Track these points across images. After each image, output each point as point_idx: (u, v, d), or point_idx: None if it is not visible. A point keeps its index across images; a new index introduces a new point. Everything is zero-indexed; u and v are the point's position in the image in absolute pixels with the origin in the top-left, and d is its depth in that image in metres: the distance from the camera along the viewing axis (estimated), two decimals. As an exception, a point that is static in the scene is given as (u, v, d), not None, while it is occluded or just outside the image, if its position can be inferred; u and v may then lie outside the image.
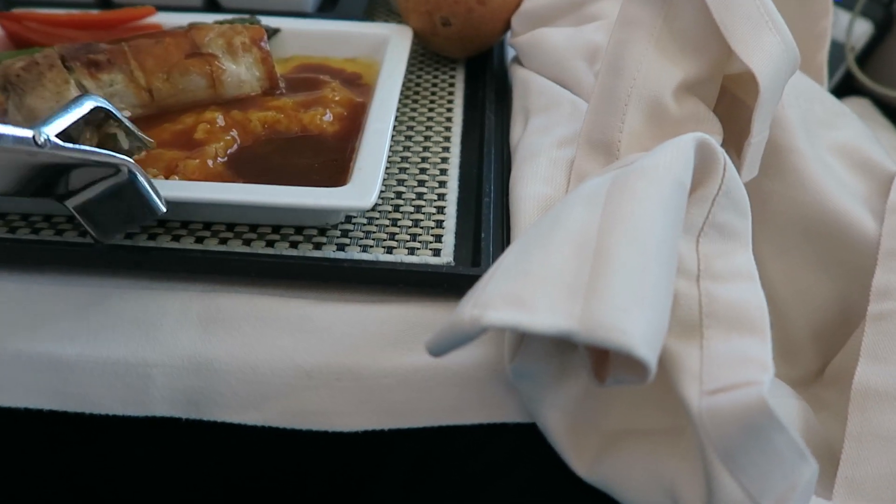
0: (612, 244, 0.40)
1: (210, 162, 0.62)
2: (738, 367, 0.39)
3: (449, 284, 0.55)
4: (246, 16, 0.82)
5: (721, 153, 0.49)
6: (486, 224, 0.61)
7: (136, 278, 0.57)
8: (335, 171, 0.63)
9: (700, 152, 0.48)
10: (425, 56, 0.91)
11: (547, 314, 0.38)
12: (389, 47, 0.80)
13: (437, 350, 0.42)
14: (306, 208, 0.58)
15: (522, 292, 0.39)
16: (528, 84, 0.77)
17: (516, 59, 0.86)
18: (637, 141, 0.61)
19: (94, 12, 0.81)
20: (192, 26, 0.71)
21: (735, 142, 0.62)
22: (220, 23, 0.80)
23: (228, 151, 0.65)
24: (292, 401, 0.49)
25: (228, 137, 0.66)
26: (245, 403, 0.49)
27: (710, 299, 0.43)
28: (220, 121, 0.67)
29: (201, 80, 0.68)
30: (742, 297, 0.43)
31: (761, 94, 0.53)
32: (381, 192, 0.64)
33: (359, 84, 0.79)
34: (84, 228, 0.51)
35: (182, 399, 0.49)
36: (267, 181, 0.61)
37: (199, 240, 0.59)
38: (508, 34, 0.87)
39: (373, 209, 0.63)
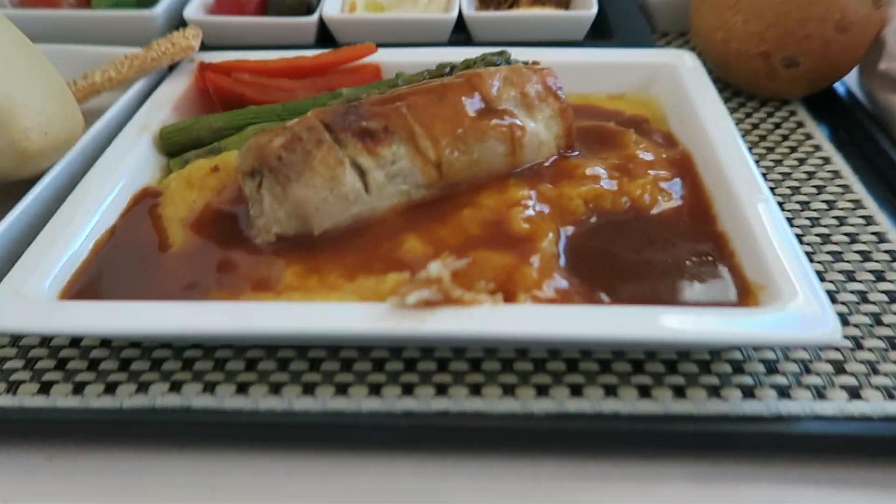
0: None
1: (554, 274, 0.44)
2: None
3: None
4: (495, 49, 0.64)
5: None
6: None
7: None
8: (718, 270, 0.46)
9: None
10: (726, 91, 0.72)
11: None
12: (682, 80, 0.62)
13: None
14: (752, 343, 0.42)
15: None
16: None
17: (888, 88, 0.65)
18: None
19: (308, 55, 0.65)
20: (471, 74, 0.54)
21: None
22: (475, 62, 0.63)
23: (560, 245, 0.48)
24: None
25: (553, 224, 0.49)
26: None
27: None
28: (534, 202, 0.50)
29: (500, 146, 0.51)
30: None
31: None
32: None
33: (650, 131, 0.62)
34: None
35: None
36: (640, 293, 0.45)
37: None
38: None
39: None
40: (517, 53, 0.66)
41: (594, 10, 0.72)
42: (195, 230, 0.50)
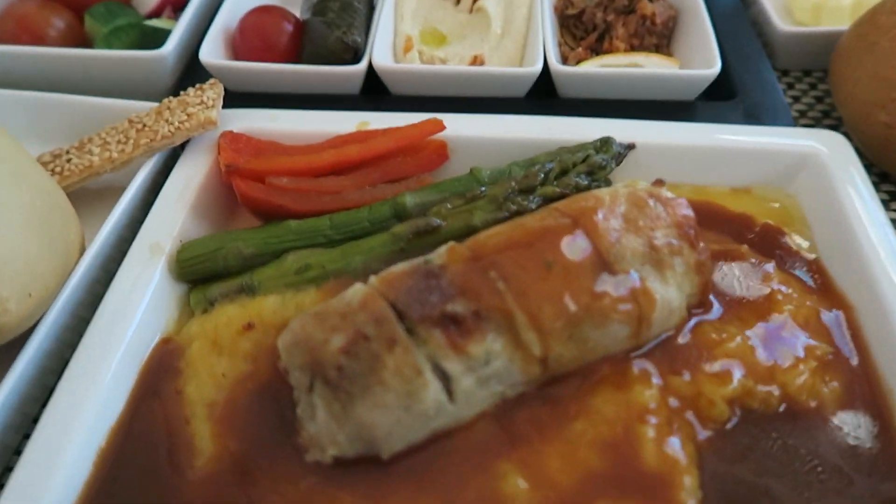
0: None
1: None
2: None
3: None
4: (596, 133, 0.51)
5: None
6: None
7: None
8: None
9: None
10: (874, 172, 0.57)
11: None
12: (833, 185, 0.49)
13: None
14: None
15: None
16: None
17: None
18: None
19: (355, 145, 0.51)
20: (579, 212, 0.41)
21: None
22: (574, 164, 0.49)
23: (702, 483, 0.37)
24: None
25: (691, 447, 0.37)
26: None
27: None
28: (665, 414, 0.38)
29: (623, 330, 0.39)
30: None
31: None
32: None
33: (792, 257, 0.49)
34: None
35: None
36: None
37: None
38: None
39: None
40: (618, 130, 0.52)
41: (716, 68, 0.57)
42: (226, 432, 0.39)
